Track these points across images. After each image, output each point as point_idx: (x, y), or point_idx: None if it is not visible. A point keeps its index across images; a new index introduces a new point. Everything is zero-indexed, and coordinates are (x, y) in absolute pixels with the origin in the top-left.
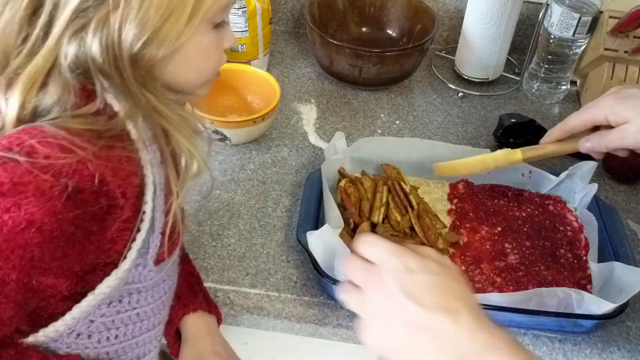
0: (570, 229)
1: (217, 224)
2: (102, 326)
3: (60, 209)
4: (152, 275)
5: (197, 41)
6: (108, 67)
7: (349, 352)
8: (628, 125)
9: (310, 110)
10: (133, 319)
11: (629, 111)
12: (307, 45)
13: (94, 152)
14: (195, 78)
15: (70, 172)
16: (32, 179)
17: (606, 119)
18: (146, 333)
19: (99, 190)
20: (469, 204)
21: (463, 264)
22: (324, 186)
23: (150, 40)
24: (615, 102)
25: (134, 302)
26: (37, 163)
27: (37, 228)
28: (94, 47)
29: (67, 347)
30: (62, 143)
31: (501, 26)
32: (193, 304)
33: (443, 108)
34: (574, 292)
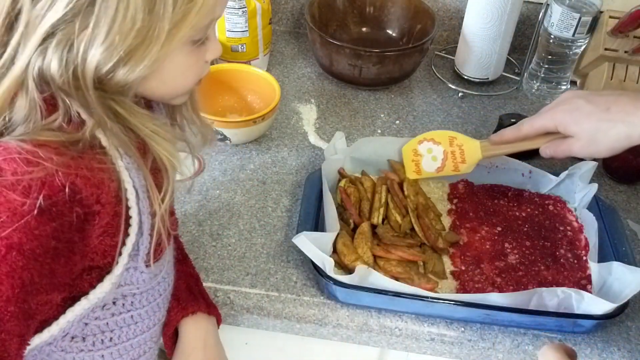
0: (570, 229)
1: (217, 224)
2: (97, 329)
3: (35, 225)
4: (144, 277)
5: (172, 62)
6: (68, 87)
7: (349, 352)
8: (574, 140)
9: (310, 110)
10: (128, 322)
11: (574, 126)
12: (307, 45)
13: (63, 162)
14: (171, 93)
15: (40, 185)
16: (2, 200)
17: (556, 128)
18: (141, 335)
19: (72, 200)
20: (469, 204)
21: (463, 264)
22: (324, 186)
23: (119, 65)
24: (564, 114)
25: (128, 305)
26: (4, 181)
27: (18, 250)
28: (53, 65)
29: (62, 350)
30: (28, 157)
31: (501, 26)
32: (192, 307)
33: (443, 108)
34: (574, 292)
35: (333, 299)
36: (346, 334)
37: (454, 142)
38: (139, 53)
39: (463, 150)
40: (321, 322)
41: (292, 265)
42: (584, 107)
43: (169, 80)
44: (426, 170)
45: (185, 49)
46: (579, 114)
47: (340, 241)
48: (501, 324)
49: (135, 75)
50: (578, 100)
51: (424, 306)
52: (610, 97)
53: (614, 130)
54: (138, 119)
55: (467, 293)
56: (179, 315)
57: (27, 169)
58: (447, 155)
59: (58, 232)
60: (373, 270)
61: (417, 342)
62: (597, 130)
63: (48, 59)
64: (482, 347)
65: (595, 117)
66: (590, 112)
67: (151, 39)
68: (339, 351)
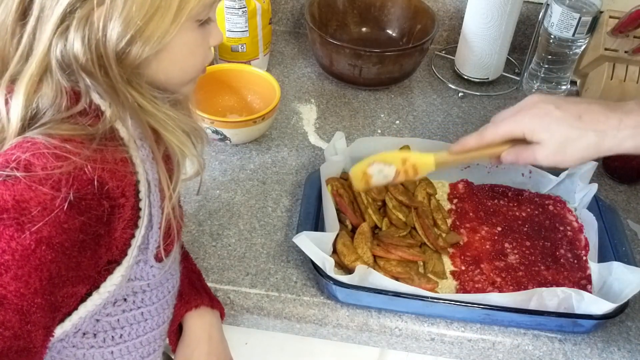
0: (570, 229)
1: (217, 224)
2: (108, 325)
3: (64, 219)
4: (154, 272)
5: (181, 39)
6: (92, 66)
7: (349, 352)
8: (540, 147)
9: (310, 110)
10: (137, 318)
11: (543, 133)
12: (307, 45)
13: (89, 155)
14: (180, 76)
15: (69, 179)
16: (33, 195)
17: (523, 134)
18: (150, 332)
19: (100, 193)
20: (469, 204)
21: (463, 264)
22: (322, 188)
23: (135, 39)
24: (532, 119)
25: (138, 302)
26: (35, 176)
27: (47, 244)
28: (76, 45)
29: (73, 346)
30: (56, 152)
31: (501, 26)
32: (195, 301)
33: (443, 108)
34: (574, 292)
35: (333, 299)
36: (346, 334)
37: (407, 162)
38: (152, 25)
39: (416, 167)
40: (321, 322)
41: (292, 265)
42: (553, 113)
43: (178, 60)
44: (376, 184)
45: (193, 27)
46: (548, 120)
47: (340, 241)
48: (501, 324)
49: (148, 50)
50: (547, 106)
51: (424, 306)
52: (581, 105)
53: (584, 139)
54: (153, 105)
55: (467, 293)
56: (182, 310)
57: (56, 164)
58: (399, 173)
59: (86, 225)
60: (373, 270)
61: (417, 342)
62: (567, 138)
63: (70, 39)
64: (482, 347)
65: (565, 124)
66: (560, 118)
67: (164, 10)
68: (339, 351)
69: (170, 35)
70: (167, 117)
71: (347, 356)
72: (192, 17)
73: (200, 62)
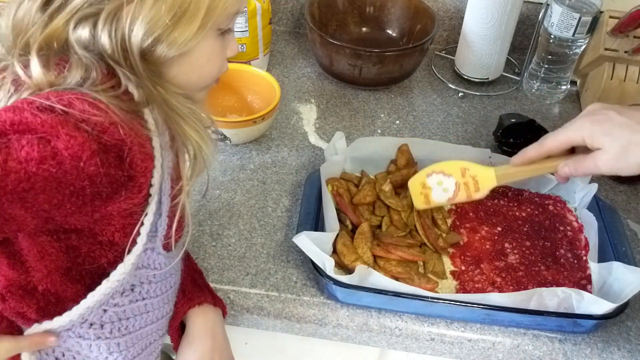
0: (570, 229)
1: (217, 224)
2: (115, 316)
3: (85, 159)
4: (161, 260)
5: (203, 46)
6: (118, 57)
7: (349, 352)
8: (601, 152)
9: (310, 110)
10: (141, 310)
11: (604, 137)
12: (307, 45)
13: (123, 119)
14: (196, 81)
15: (103, 129)
16: (64, 130)
17: (583, 140)
18: (150, 325)
19: (125, 157)
20: (469, 204)
21: (463, 264)
22: (323, 189)
23: (160, 39)
24: (593, 124)
25: (144, 292)
26: (73, 114)
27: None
28: (104, 38)
29: (79, 336)
30: (98, 104)
31: (501, 26)
32: (199, 298)
33: (443, 108)
34: (574, 292)
35: (333, 299)
36: (346, 334)
37: (467, 173)
38: (179, 28)
39: (477, 180)
40: (321, 322)
41: (292, 265)
42: (615, 119)
43: (197, 66)
44: (436, 202)
45: (214, 35)
46: (610, 125)
47: (340, 241)
48: (501, 324)
49: (173, 52)
50: (608, 112)
51: (424, 306)
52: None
53: None
54: (177, 100)
55: (467, 293)
56: (185, 307)
57: (94, 112)
58: (460, 186)
59: (96, 178)
60: (373, 270)
61: (417, 342)
62: (629, 142)
63: (98, 32)
64: (482, 347)
65: (628, 129)
66: (622, 123)
67: (192, 14)
68: (339, 351)
69: (196, 40)
70: (190, 112)
71: (347, 356)
72: (215, 25)
73: (217, 70)
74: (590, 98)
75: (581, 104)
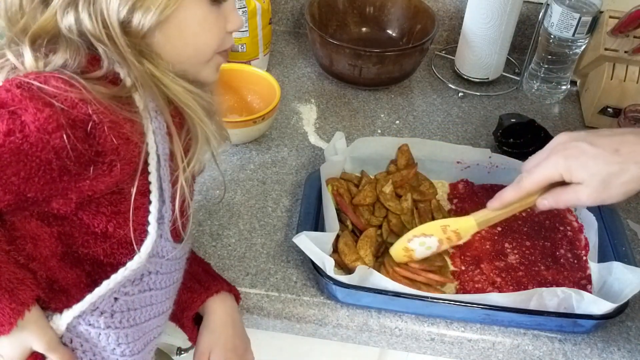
0: (570, 229)
1: (217, 224)
2: (125, 305)
3: (51, 131)
4: (169, 248)
5: (190, 14)
6: (100, 34)
7: (349, 352)
8: (582, 187)
9: (310, 110)
10: (147, 301)
11: (582, 172)
12: (307, 45)
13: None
14: (191, 54)
15: (72, 104)
16: (37, 99)
17: (561, 177)
18: (153, 319)
19: (90, 134)
20: (469, 204)
21: (463, 264)
22: (322, 188)
23: (135, 7)
24: (567, 159)
25: (151, 283)
26: (46, 91)
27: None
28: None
29: (89, 324)
30: (74, 83)
31: (501, 26)
32: (216, 286)
33: (443, 108)
34: (574, 292)
35: (333, 299)
36: (346, 334)
37: (447, 229)
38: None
39: (459, 232)
40: (321, 322)
41: (292, 265)
42: (588, 151)
43: (188, 36)
44: (420, 257)
45: (203, 3)
46: (585, 159)
47: (342, 241)
48: (501, 324)
49: (150, 19)
50: (579, 144)
51: (424, 306)
52: (614, 137)
53: (626, 173)
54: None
55: (467, 293)
56: (204, 296)
57: (68, 88)
58: (442, 241)
59: (61, 152)
60: (373, 271)
61: (417, 342)
62: (609, 174)
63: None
64: (482, 347)
65: (603, 161)
66: (597, 155)
67: None
68: (339, 351)
69: (171, 7)
70: (184, 91)
71: (347, 356)
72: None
73: (215, 42)
74: (590, 98)
75: (581, 104)
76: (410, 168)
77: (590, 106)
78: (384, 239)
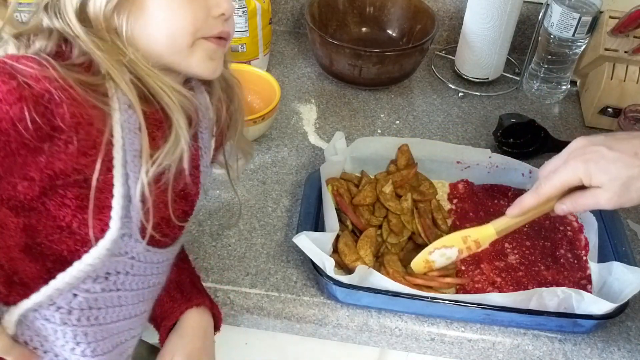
0: (570, 229)
1: (217, 224)
2: (85, 303)
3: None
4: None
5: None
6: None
7: (349, 352)
8: (601, 191)
9: (310, 110)
10: (114, 302)
11: (602, 176)
12: (307, 45)
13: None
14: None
15: (36, 80)
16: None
17: (580, 181)
18: (123, 321)
19: (49, 109)
20: (469, 204)
21: (463, 264)
22: (322, 188)
23: None
24: (587, 164)
25: (119, 283)
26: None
27: None
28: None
29: (45, 319)
30: (45, 63)
31: (501, 26)
32: (197, 299)
33: (443, 108)
34: (574, 292)
35: (333, 299)
36: (346, 334)
37: (468, 239)
38: None
39: (478, 241)
40: (321, 322)
41: (292, 265)
42: (608, 155)
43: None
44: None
45: None
46: (604, 163)
47: (342, 241)
48: (501, 324)
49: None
50: (598, 148)
51: (424, 306)
52: (633, 140)
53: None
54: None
55: (467, 293)
56: (183, 306)
57: (34, 66)
58: (462, 251)
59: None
60: (373, 270)
61: (417, 342)
62: (629, 178)
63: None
64: (482, 347)
65: (623, 164)
66: (616, 159)
67: None
68: (339, 351)
69: None
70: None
71: (347, 356)
72: None
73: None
74: (590, 98)
75: (581, 104)
76: (410, 168)
77: (590, 106)
78: (384, 239)
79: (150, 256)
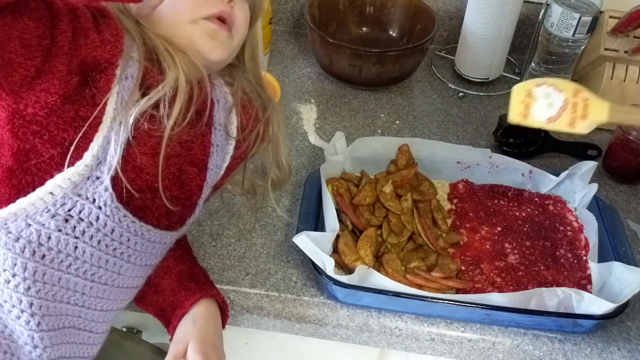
0: (570, 229)
1: (217, 224)
2: (35, 235)
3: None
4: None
5: None
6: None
7: (349, 352)
8: None
9: (310, 110)
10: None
11: None
12: (307, 45)
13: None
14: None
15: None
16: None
17: None
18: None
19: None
20: (469, 204)
21: (463, 264)
22: (323, 188)
23: None
24: None
25: (78, 231)
26: None
27: None
28: None
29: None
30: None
31: (501, 26)
32: (211, 290)
33: (443, 108)
34: (574, 292)
35: (333, 299)
36: (346, 334)
37: (579, 94)
38: None
39: (587, 105)
40: (321, 322)
41: (292, 265)
42: None
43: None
44: (534, 117)
45: None
46: None
47: (342, 241)
48: (501, 324)
49: None
50: None
51: (424, 306)
52: None
53: None
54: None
55: (467, 293)
56: (198, 295)
57: None
58: (568, 104)
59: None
60: (373, 271)
61: (417, 342)
62: None
63: None
64: (482, 347)
65: None
66: None
67: None
68: (339, 351)
69: None
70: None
71: (347, 356)
72: None
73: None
74: None
75: None
76: (410, 168)
77: None
78: (384, 239)
79: (119, 225)
